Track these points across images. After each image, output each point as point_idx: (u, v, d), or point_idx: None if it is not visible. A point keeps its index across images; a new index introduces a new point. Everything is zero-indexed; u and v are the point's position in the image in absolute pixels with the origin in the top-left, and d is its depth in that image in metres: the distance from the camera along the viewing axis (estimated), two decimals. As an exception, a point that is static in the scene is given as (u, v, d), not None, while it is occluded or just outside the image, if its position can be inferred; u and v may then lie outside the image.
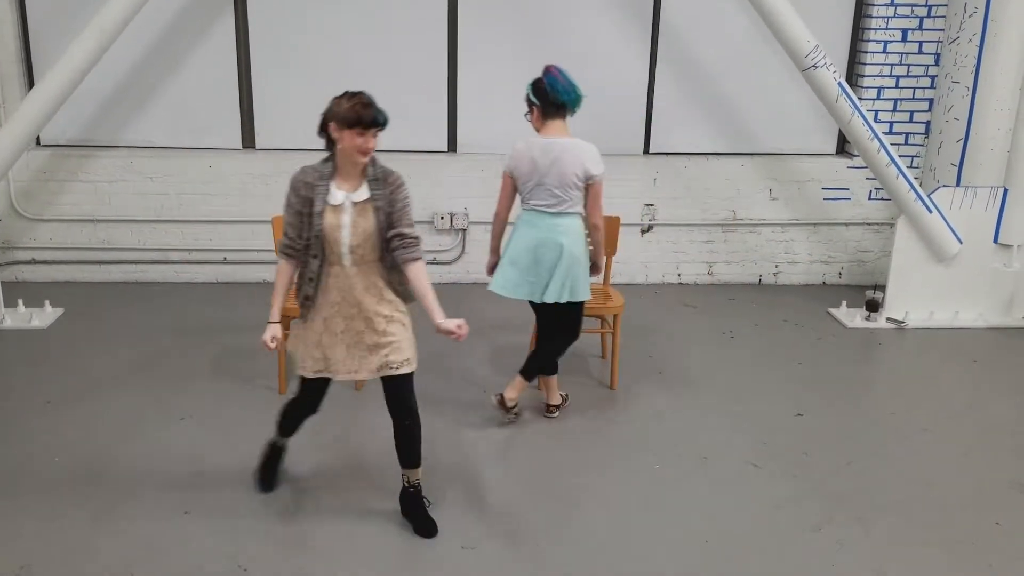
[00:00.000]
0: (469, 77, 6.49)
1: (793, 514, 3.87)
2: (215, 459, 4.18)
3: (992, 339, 5.92)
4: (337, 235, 3.34)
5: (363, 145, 3.30)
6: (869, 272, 6.90)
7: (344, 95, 3.32)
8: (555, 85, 4.15)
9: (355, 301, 3.44)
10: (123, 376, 5.01)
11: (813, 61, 5.47)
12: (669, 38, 6.52)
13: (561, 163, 4.15)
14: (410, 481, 3.71)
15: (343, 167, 3.37)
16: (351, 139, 3.28)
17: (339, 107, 3.28)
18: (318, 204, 3.33)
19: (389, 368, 3.50)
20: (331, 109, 3.31)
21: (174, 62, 6.34)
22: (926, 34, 6.43)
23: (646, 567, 3.51)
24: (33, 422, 4.48)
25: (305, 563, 3.46)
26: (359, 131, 3.26)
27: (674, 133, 6.71)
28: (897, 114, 6.61)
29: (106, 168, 6.38)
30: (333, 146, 3.36)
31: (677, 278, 6.87)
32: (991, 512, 3.92)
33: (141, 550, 3.50)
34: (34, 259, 6.51)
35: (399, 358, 3.50)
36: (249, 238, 6.52)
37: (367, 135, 3.28)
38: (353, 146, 3.29)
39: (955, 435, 4.62)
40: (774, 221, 6.78)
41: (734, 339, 5.81)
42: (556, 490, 4.06)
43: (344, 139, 3.28)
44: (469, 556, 3.54)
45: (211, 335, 5.60)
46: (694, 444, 4.44)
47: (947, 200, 5.89)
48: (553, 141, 4.19)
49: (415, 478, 3.71)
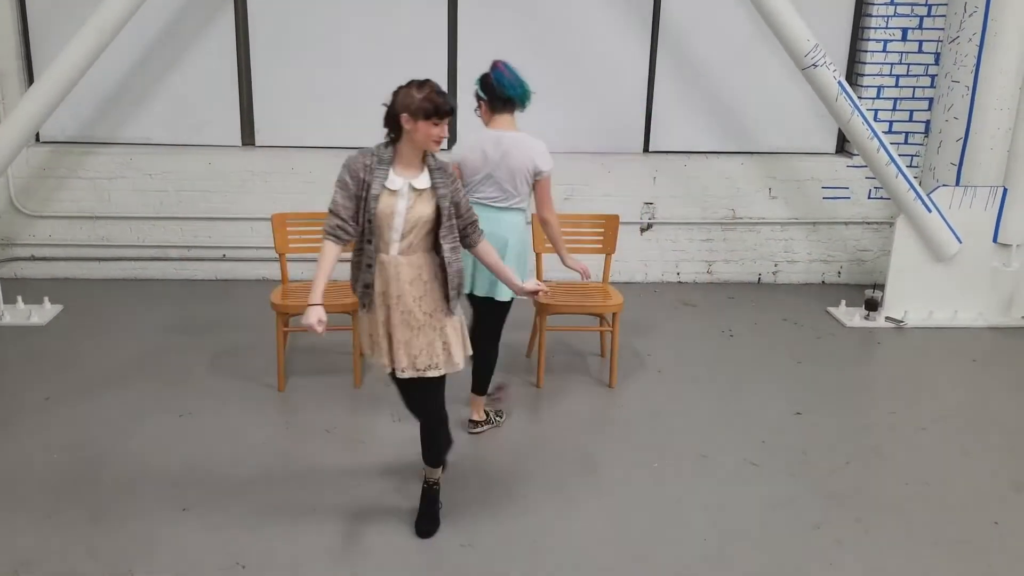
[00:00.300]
0: (469, 75, 6.45)
1: (792, 513, 3.87)
2: (214, 456, 4.18)
3: (991, 338, 5.92)
4: (390, 221, 3.31)
5: (438, 134, 3.30)
6: (868, 271, 6.91)
7: (411, 85, 3.30)
8: (501, 80, 4.12)
9: (398, 292, 3.38)
10: (122, 373, 5.01)
11: (813, 60, 5.47)
12: (669, 36, 6.52)
13: (511, 157, 4.12)
14: (426, 479, 3.75)
15: (405, 155, 3.34)
16: (426, 129, 3.26)
17: (411, 98, 3.25)
18: (375, 187, 3.29)
19: (415, 370, 3.45)
20: (402, 100, 3.27)
21: (174, 59, 6.33)
22: (926, 33, 6.42)
23: (644, 565, 3.51)
24: (32, 419, 4.48)
25: (303, 561, 3.47)
26: (435, 121, 3.26)
27: (674, 131, 6.71)
28: (897, 113, 6.61)
29: (105, 165, 6.38)
30: (397, 135, 3.33)
31: (676, 277, 6.87)
32: (989, 512, 3.92)
33: (140, 547, 3.50)
34: (33, 256, 6.51)
35: (427, 362, 3.44)
36: (248, 235, 6.51)
37: (441, 124, 3.29)
38: (428, 136, 3.28)
39: (954, 434, 4.63)
40: (773, 220, 6.78)
41: (733, 338, 5.81)
42: (555, 488, 4.07)
43: (418, 129, 3.26)
44: (468, 554, 3.54)
45: (210, 332, 5.60)
46: (693, 443, 4.44)
47: (946, 199, 5.89)
48: (503, 134, 4.15)
49: (431, 476, 3.75)
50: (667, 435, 4.52)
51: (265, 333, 5.35)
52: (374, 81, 6.31)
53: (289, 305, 4.78)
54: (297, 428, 4.48)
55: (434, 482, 3.75)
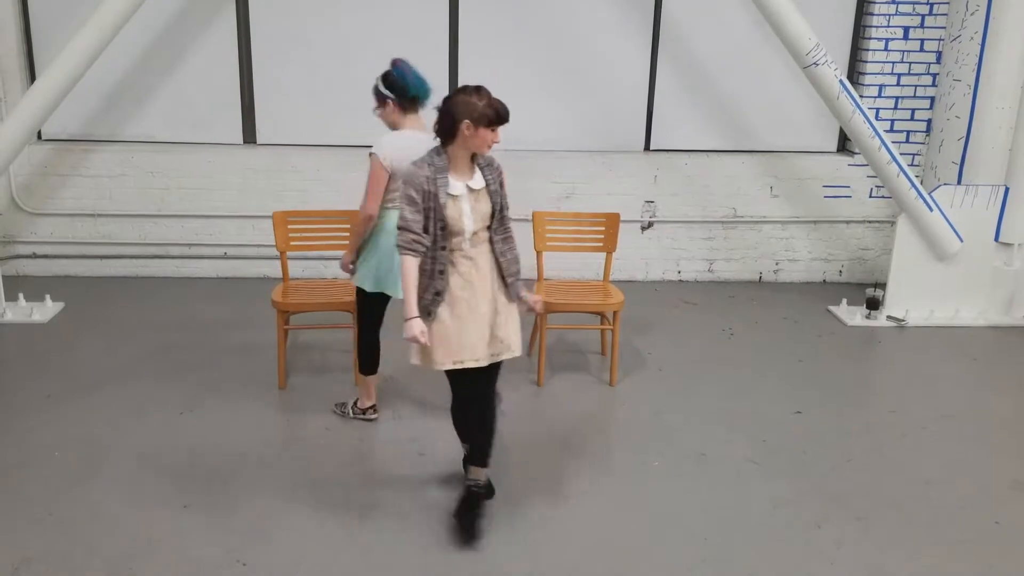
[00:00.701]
0: (470, 73, 6.48)
1: (792, 512, 3.87)
2: (215, 454, 4.19)
3: (992, 338, 5.92)
4: (460, 224, 3.42)
5: (494, 139, 3.41)
6: (869, 270, 6.90)
7: (469, 93, 3.37)
8: (405, 77, 4.08)
9: (480, 286, 3.50)
10: (123, 370, 5.02)
11: (814, 58, 5.46)
12: (670, 35, 6.52)
13: None
14: (476, 482, 3.72)
15: (459, 159, 3.43)
16: (485, 135, 3.36)
17: (473, 106, 3.32)
18: (442, 196, 3.39)
19: (499, 355, 3.58)
20: (462, 108, 3.33)
21: (175, 57, 6.34)
22: (927, 32, 6.42)
23: (644, 564, 3.51)
24: (33, 416, 4.48)
25: (303, 558, 3.47)
26: (494, 127, 3.37)
27: (675, 130, 6.71)
28: (898, 112, 6.61)
29: (107, 163, 6.38)
30: (450, 140, 3.40)
31: (677, 275, 6.87)
32: (990, 511, 3.92)
33: (140, 544, 3.51)
34: (35, 253, 6.51)
35: (499, 348, 3.57)
36: (249, 233, 6.52)
37: (498, 130, 3.40)
38: (485, 141, 3.38)
39: (955, 434, 4.62)
40: (774, 218, 6.78)
41: (734, 336, 5.81)
42: (554, 487, 4.07)
43: (478, 135, 3.35)
44: (467, 553, 3.54)
45: (211, 330, 5.61)
46: (693, 441, 4.44)
47: (948, 198, 5.88)
48: (422, 136, 3.97)
49: (480, 477, 3.73)
50: (668, 434, 4.52)
51: (266, 331, 5.36)
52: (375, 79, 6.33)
53: (290, 303, 4.78)
54: (297, 425, 4.48)
55: (484, 484, 3.73)
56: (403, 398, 4.78)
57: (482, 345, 3.51)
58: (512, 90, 6.43)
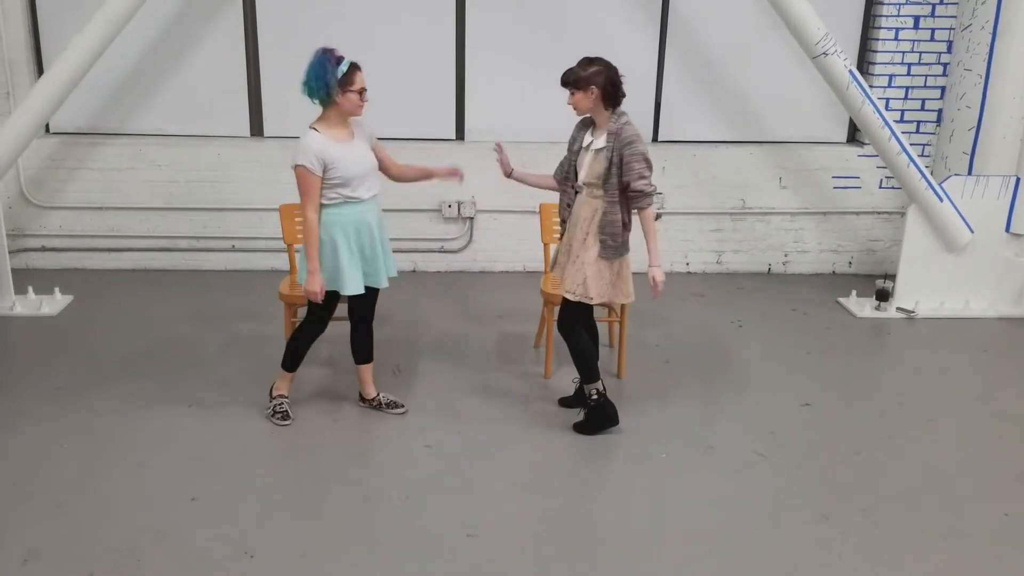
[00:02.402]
0: (477, 65, 6.47)
1: (800, 504, 3.86)
2: (222, 446, 4.20)
3: (1002, 329, 5.88)
4: (578, 171, 4.24)
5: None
6: (879, 261, 6.87)
7: (606, 62, 4.18)
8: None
9: (572, 225, 4.27)
10: (132, 363, 5.03)
11: (823, 48, 5.43)
12: (678, 25, 6.49)
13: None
14: (587, 393, 4.43)
15: (599, 119, 4.20)
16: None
17: (613, 75, 4.15)
18: (576, 144, 4.27)
19: (564, 289, 4.27)
20: (611, 76, 4.14)
21: (183, 50, 6.34)
22: (938, 21, 6.37)
23: (651, 557, 3.50)
24: (42, 408, 4.50)
25: (310, 550, 3.48)
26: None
27: (683, 121, 6.68)
28: (908, 102, 6.56)
29: (115, 156, 6.40)
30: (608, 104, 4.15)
31: (686, 267, 6.85)
32: (999, 504, 3.90)
33: (148, 536, 3.52)
34: (44, 246, 6.54)
35: (568, 286, 4.24)
36: (257, 226, 6.53)
37: None
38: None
39: (964, 426, 4.60)
40: (783, 210, 6.75)
41: (742, 328, 5.79)
42: (561, 479, 4.07)
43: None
44: (473, 544, 3.55)
45: (219, 322, 5.62)
46: (701, 434, 4.43)
47: (958, 189, 5.84)
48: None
49: (588, 390, 4.40)
50: (675, 426, 4.51)
51: (274, 323, 5.37)
52: (382, 71, 6.33)
53: (298, 295, 4.78)
54: (304, 418, 4.49)
55: (591, 393, 4.37)
56: (410, 391, 4.78)
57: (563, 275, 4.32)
58: (519, 82, 6.47)
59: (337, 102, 4.03)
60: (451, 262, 6.72)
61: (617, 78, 4.15)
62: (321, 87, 3.97)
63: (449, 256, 6.71)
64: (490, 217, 6.62)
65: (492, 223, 6.64)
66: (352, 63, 4.02)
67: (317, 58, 3.98)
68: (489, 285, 6.51)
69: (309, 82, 3.99)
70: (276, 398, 4.48)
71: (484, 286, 6.49)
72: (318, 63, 3.97)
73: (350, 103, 4.05)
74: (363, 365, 4.53)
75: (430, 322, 5.76)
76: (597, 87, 4.12)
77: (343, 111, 4.07)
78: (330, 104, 4.04)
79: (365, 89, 4.08)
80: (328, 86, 3.97)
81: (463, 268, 6.73)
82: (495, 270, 6.75)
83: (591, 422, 4.40)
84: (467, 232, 6.67)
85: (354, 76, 4.02)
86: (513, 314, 5.86)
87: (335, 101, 4.02)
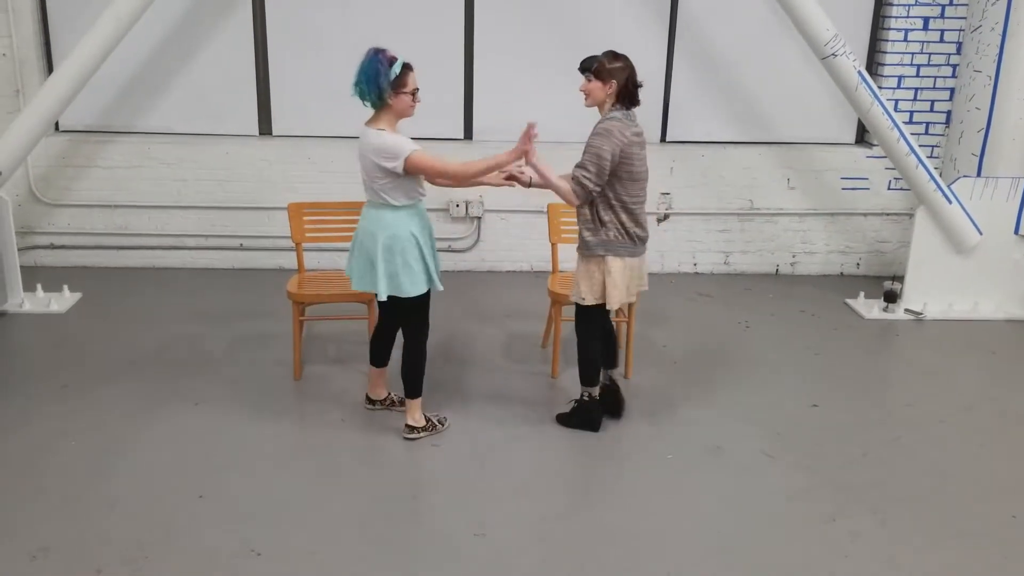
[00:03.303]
0: (485, 64, 6.47)
1: (807, 505, 3.85)
2: (230, 444, 4.20)
3: (1011, 331, 5.86)
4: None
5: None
6: (887, 263, 6.85)
7: (631, 63, 4.14)
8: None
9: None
10: (139, 361, 5.05)
11: (832, 49, 5.42)
12: (687, 26, 6.48)
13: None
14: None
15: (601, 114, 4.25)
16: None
17: (634, 76, 4.13)
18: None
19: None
20: (632, 77, 4.13)
21: (191, 49, 6.35)
22: (948, 22, 6.35)
23: (658, 556, 3.50)
24: (50, 406, 4.52)
25: (317, 548, 3.48)
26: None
27: (691, 121, 6.68)
28: (917, 103, 6.55)
29: (124, 154, 6.41)
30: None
31: (693, 267, 6.84)
32: (1007, 505, 3.89)
33: (156, 534, 3.53)
34: (52, 244, 6.56)
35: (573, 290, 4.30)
36: (265, 224, 6.54)
37: None
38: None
39: (972, 427, 4.59)
40: (791, 211, 6.74)
41: (750, 329, 5.79)
42: (569, 479, 4.07)
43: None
44: (479, 543, 3.55)
45: (227, 321, 5.63)
46: (708, 434, 4.43)
47: (967, 191, 5.83)
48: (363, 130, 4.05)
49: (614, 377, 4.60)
50: (683, 426, 4.50)
51: (281, 322, 5.38)
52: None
53: (305, 294, 4.79)
54: (312, 416, 4.50)
55: (583, 394, 4.42)
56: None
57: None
58: (526, 82, 6.46)
59: (390, 104, 3.97)
60: (458, 262, 6.72)
61: (636, 81, 4.14)
62: (374, 89, 3.91)
63: (456, 255, 6.71)
64: (498, 217, 6.62)
65: (500, 223, 6.64)
66: (405, 64, 3.95)
67: (369, 59, 3.91)
68: (496, 285, 6.51)
69: (361, 83, 3.92)
70: (427, 424, 4.34)
71: (491, 286, 6.49)
72: (370, 64, 3.90)
73: (403, 104, 3.99)
74: (381, 368, 4.51)
75: (437, 321, 5.71)
76: (618, 83, 4.10)
77: (396, 112, 4.01)
78: (383, 106, 3.98)
79: (418, 89, 4.03)
80: (380, 88, 3.91)
81: (471, 268, 6.74)
82: (502, 270, 6.76)
83: (573, 418, 4.45)
84: (475, 232, 6.67)
85: (407, 77, 3.96)
86: (520, 314, 5.86)
87: (388, 103, 3.97)
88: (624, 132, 4.06)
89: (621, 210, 4.13)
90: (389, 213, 4.04)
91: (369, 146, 3.96)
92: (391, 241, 4.02)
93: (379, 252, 4.03)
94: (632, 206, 4.15)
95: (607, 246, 4.15)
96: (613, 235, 4.14)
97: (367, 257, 4.09)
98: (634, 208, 4.16)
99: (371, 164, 3.97)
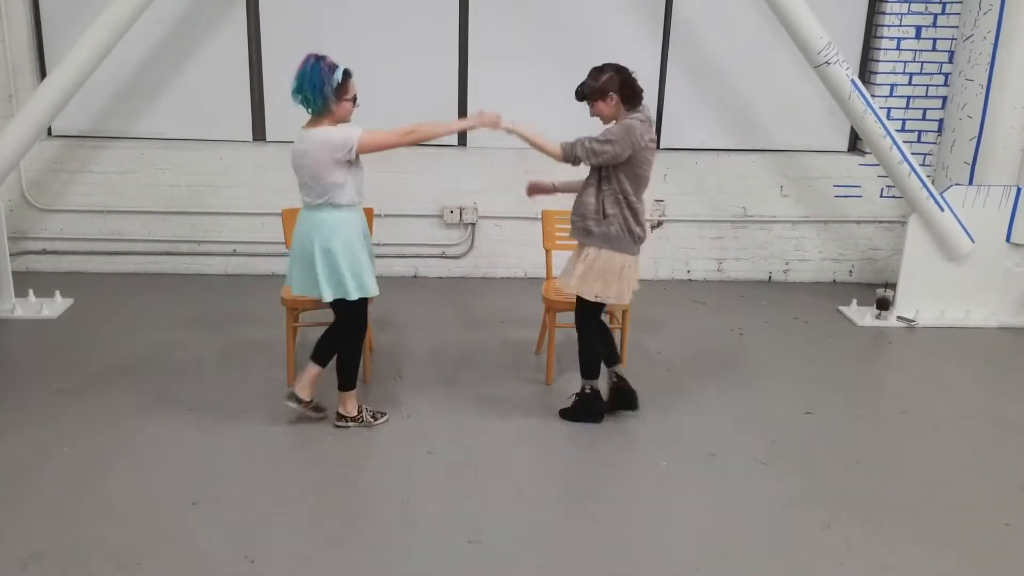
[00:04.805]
0: (479, 71, 6.48)
1: (801, 513, 3.86)
2: (223, 451, 4.19)
3: (1003, 339, 5.89)
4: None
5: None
6: (880, 270, 6.87)
7: (616, 66, 4.20)
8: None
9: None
10: (132, 367, 5.03)
11: (825, 57, 5.44)
12: (680, 33, 6.50)
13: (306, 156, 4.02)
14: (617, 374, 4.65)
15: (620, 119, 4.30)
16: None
17: (626, 75, 4.18)
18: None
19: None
20: (624, 78, 4.18)
21: (185, 54, 6.35)
22: (940, 31, 6.39)
23: (652, 564, 3.50)
24: (42, 412, 4.49)
25: (311, 555, 3.47)
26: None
27: (685, 129, 6.69)
28: (910, 111, 6.58)
29: (117, 159, 6.40)
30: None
31: (687, 274, 6.85)
32: (1001, 513, 3.90)
33: (149, 540, 3.51)
34: (45, 249, 6.53)
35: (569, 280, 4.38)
36: (259, 230, 6.53)
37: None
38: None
39: (965, 435, 4.60)
40: (785, 218, 6.76)
41: (743, 336, 5.79)
42: (563, 486, 4.06)
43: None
44: (474, 549, 3.54)
45: (220, 327, 5.62)
46: (702, 441, 4.43)
47: (959, 198, 5.85)
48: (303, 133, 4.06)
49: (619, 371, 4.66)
50: (676, 433, 4.50)
51: (275, 328, 5.36)
52: (385, 76, 6.34)
53: (299, 300, 4.78)
54: (305, 422, 4.48)
55: (585, 387, 4.53)
56: (412, 397, 4.78)
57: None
58: (520, 90, 6.47)
59: (333, 111, 3.99)
60: (452, 268, 6.72)
61: (630, 77, 4.20)
62: (319, 96, 3.92)
63: (450, 262, 6.71)
64: (492, 223, 6.62)
65: (494, 229, 6.65)
66: (346, 70, 3.98)
67: (311, 66, 3.92)
68: (491, 291, 6.51)
69: (306, 91, 3.92)
70: (358, 415, 4.44)
71: (486, 292, 6.49)
72: (314, 71, 3.90)
73: (345, 111, 4.02)
74: (320, 368, 4.45)
75: (431, 328, 5.75)
76: (616, 93, 4.17)
77: (337, 118, 4.02)
78: (327, 112, 4.00)
79: (356, 95, 4.06)
80: (325, 96, 3.92)
81: (464, 274, 6.74)
82: (497, 276, 6.76)
83: (576, 410, 4.56)
84: (469, 238, 6.67)
85: (348, 84, 4.00)
86: (515, 320, 5.86)
87: (332, 110, 3.99)
88: (643, 135, 4.17)
89: (626, 206, 4.23)
90: (330, 215, 4.05)
91: (316, 144, 3.96)
92: (332, 244, 4.04)
93: (319, 254, 4.05)
94: (636, 205, 4.27)
95: (607, 239, 4.24)
96: (615, 230, 4.23)
97: (307, 260, 4.10)
98: (638, 207, 4.28)
99: (319, 162, 3.96)
